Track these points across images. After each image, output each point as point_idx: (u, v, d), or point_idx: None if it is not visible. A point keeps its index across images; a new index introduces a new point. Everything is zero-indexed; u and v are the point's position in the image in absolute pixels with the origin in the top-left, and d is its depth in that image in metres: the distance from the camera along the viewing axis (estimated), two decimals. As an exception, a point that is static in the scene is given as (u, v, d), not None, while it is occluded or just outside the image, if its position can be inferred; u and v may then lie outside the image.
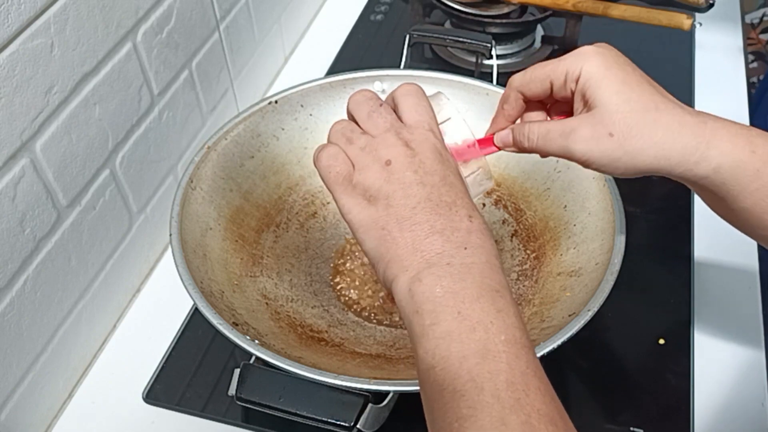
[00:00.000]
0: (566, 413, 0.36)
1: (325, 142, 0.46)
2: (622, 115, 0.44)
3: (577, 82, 0.46)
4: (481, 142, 0.52)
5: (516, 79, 0.49)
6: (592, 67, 0.45)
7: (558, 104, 0.51)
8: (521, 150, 0.50)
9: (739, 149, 0.43)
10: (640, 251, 0.73)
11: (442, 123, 0.47)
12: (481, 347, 0.36)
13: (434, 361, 0.37)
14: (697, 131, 0.44)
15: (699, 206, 0.80)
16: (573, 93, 0.47)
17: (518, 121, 0.52)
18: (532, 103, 0.51)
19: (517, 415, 0.34)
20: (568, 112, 0.50)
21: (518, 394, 0.35)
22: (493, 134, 0.52)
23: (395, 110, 0.46)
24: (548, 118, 0.51)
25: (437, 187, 0.41)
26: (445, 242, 0.40)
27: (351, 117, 0.46)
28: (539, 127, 0.48)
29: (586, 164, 0.46)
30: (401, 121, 0.45)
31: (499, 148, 0.51)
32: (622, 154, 0.44)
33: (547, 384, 0.36)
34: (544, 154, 0.49)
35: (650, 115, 0.44)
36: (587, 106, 0.46)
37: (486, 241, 0.41)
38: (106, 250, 0.69)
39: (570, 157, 0.47)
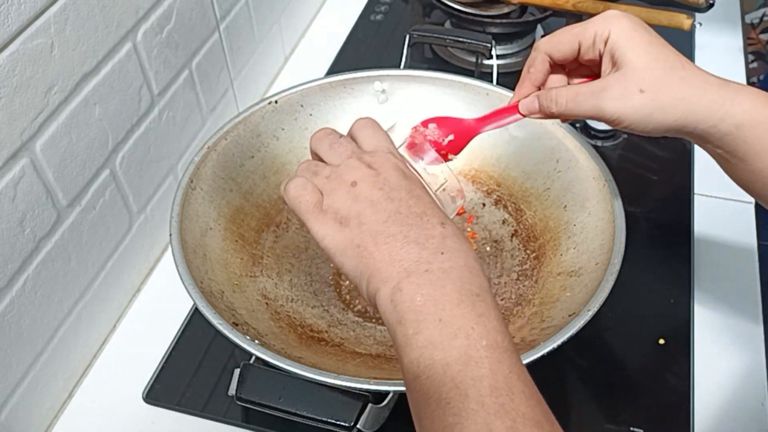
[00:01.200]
0: (552, 415, 0.36)
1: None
2: (652, 72, 0.46)
3: (605, 43, 0.48)
4: (504, 110, 0.53)
5: (543, 42, 0.51)
6: (620, 28, 0.47)
7: (579, 69, 0.53)
8: (547, 116, 0.51)
9: (760, 109, 0.46)
10: (640, 251, 0.73)
11: (400, 146, 0.49)
12: (463, 354, 0.36)
13: (419, 370, 0.37)
14: (721, 90, 0.46)
15: (699, 206, 0.80)
16: (601, 54, 0.49)
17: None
18: (553, 68, 0.52)
19: (502, 421, 0.34)
20: (589, 77, 0.52)
21: (502, 399, 0.35)
22: (517, 102, 0.53)
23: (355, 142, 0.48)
24: (569, 83, 0.53)
25: (405, 201, 0.42)
26: (421, 250, 0.40)
27: (315, 155, 0.48)
28: (567, 90, 0.49)
29: (616, 122, 0.48)
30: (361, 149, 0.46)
31: (523, 116, 0.53)
32: (654, 109, 0.46)
33: (532, 387, 0.36)
34: (570, 118, 0.50)
35: (678, 72, 0.46)
36: (616, 65, 0.48)
37: (462, 245, 0.41)
38: (106, 250, 0.69)
39: (601, 117, 0.48)
